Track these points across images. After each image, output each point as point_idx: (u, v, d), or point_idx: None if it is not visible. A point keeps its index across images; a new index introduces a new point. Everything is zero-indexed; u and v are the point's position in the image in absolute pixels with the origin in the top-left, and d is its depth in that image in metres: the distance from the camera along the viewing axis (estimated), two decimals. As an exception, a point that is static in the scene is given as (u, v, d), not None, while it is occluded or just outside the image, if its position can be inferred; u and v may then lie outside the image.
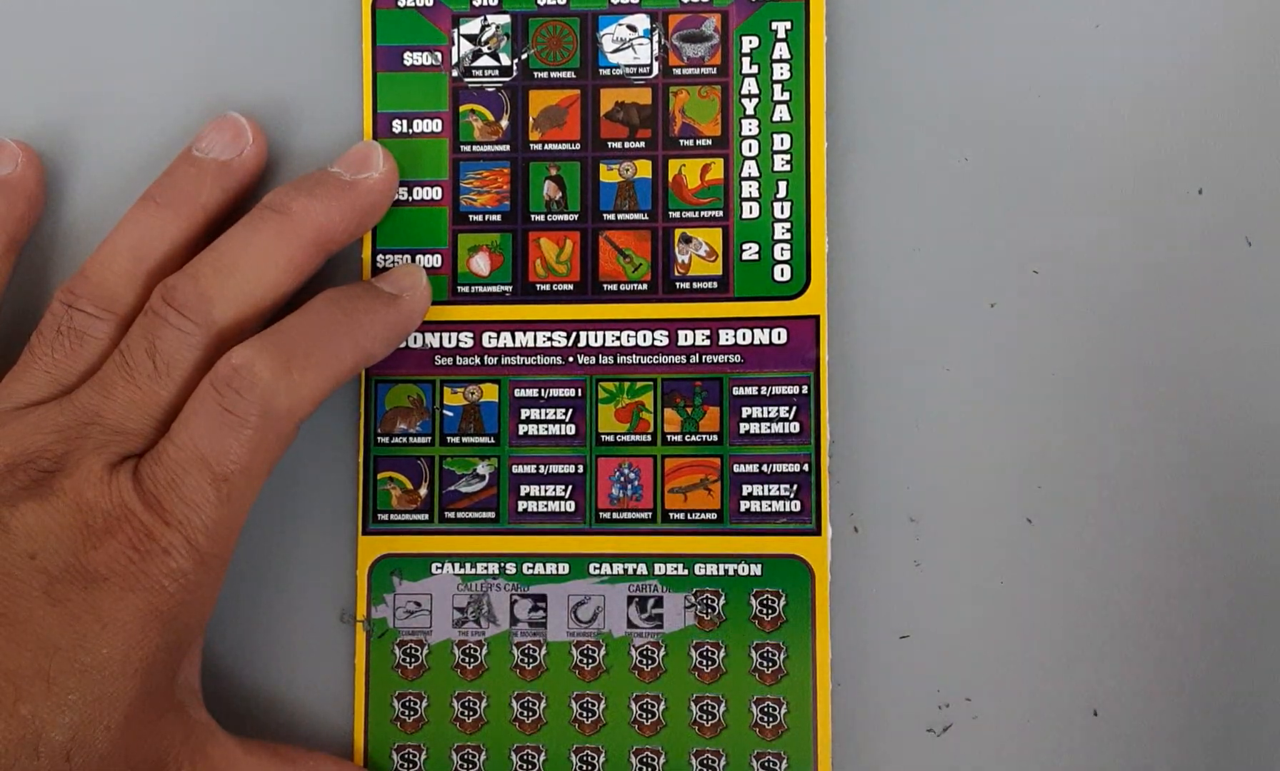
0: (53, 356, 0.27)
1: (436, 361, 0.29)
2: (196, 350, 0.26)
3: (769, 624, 0.28)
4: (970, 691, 0.29)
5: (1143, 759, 0.28)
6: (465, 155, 0.29)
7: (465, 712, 0.29)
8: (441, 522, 0.29)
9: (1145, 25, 0.29)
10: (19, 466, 0.25)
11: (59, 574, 0.24)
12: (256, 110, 0.30)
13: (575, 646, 0.29)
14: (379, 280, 0.29)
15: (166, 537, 0.25)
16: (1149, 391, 0.29)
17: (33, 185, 0.29)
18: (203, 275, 0.26)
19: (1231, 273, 0.29)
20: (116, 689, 0.24)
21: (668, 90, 0.29)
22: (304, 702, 0.29)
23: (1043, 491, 0.29)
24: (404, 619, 0.29)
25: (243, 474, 0.25)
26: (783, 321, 0.29)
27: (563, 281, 0.29)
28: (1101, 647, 0.28)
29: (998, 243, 0.29)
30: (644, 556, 0.29)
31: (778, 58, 0.29)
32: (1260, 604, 0.28)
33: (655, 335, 0.29)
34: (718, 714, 0.28)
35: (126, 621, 0.24)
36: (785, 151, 0.29)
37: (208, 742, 0.26)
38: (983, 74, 0.29)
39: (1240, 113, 0.29)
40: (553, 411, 0.29)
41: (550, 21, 0.29)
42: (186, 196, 0.28)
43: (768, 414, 0.29)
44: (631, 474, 0.29)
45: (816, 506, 0.28)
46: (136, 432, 0.26)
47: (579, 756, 0.28)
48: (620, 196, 0.29)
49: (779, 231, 0.29)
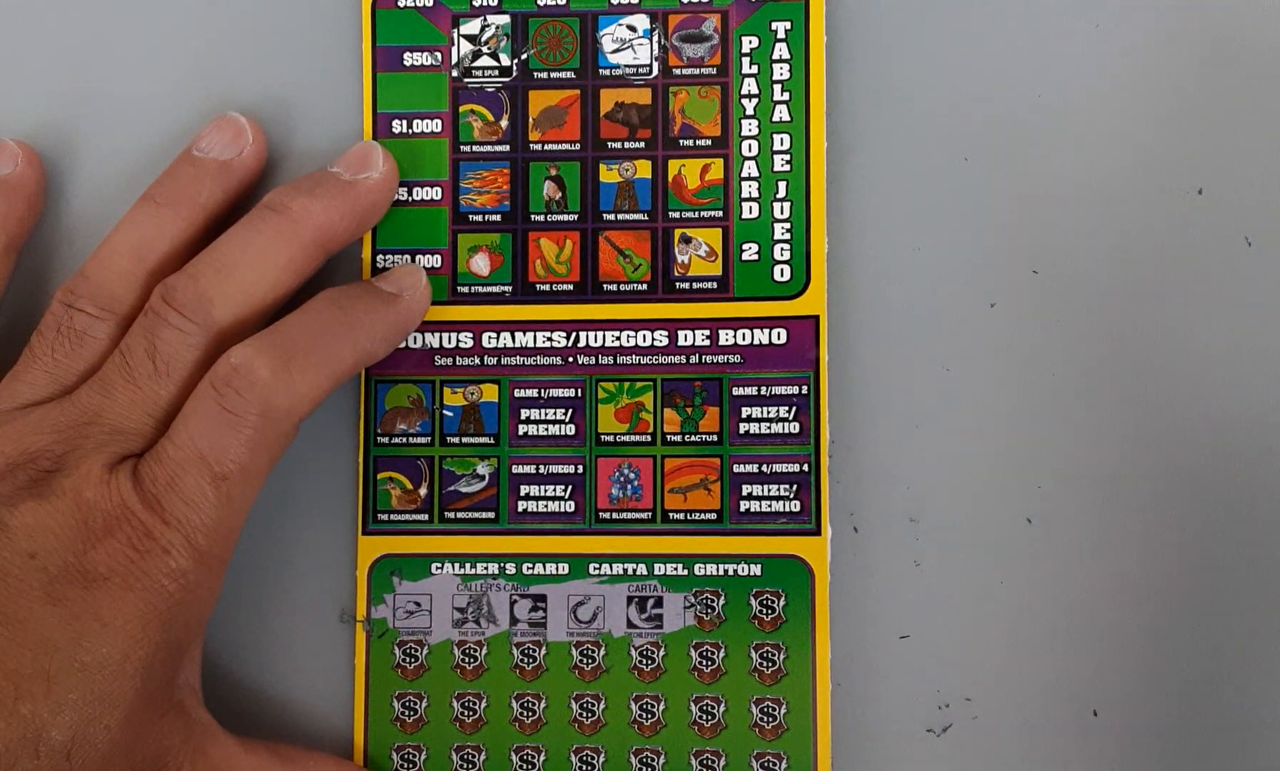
0: (53, 356, 0.27)
1: (436, 361, 0.29)
2: (196, 350, 0.26)
3: (769, 624, 0.28)
4: (970, 691, 0.29)
5: (1143, 759, 0.28)
6: (465, 155, 0.29)
7: (465, 712, 0.29)
8: (441, 523, 0.29)
9: (1145, 25, 0.29)
10: (19, 466, 0.25)
11: (59, 573, 0.24)
12: (256, 110, 0.30)
13: (575, 646, 0.29)
14: (379, 280, 0.29)
15: (166, 537, 0.25)
16: (1149, 391, 0.29)
17: (33, 185, 0.29)
18: (203, 275, 0.26)
19: (1231, 273, 0.29)
20: (116, 688, 0.24)
21: (668, 90, 0.29)
22: (304, 702, 0.29)
23: (1043, 491, 0.29)
24: (404, 619, 0.29)
25: (242, 473, 0.25)
26: (783, 321, 0.29)
27: (563, 281, 0.29)
28: (1101, 647, 0.28)
29: (998, 243, 0.29)
30: (644, 556, 0.29)
31: (777, 58, 0.29)
32: (1260, 604, 0.28)
33: (655, 335, 0.29)
34: (717, 714, 0.28)
35: (126, 621, 0.24)
36: (785, 151, 0.29)
37: (208, 742, 0.26)
38: (983, 74, 0.29)
39: (1240, 113, 0.29)
40: (553, 411, 0.29)
41: (550, 22, 0.29)
42: (186, 196, 0.28)
43: (768, 414, 0.29)
44: (631, 474, 0.29)
45: (816, 506, 0.28)
46: (136, 432, 0.26)
47: (579, 756, 0.28)
48: (620, 196, 0.29)
49: (779, 231, 0.29)
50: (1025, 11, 0.29)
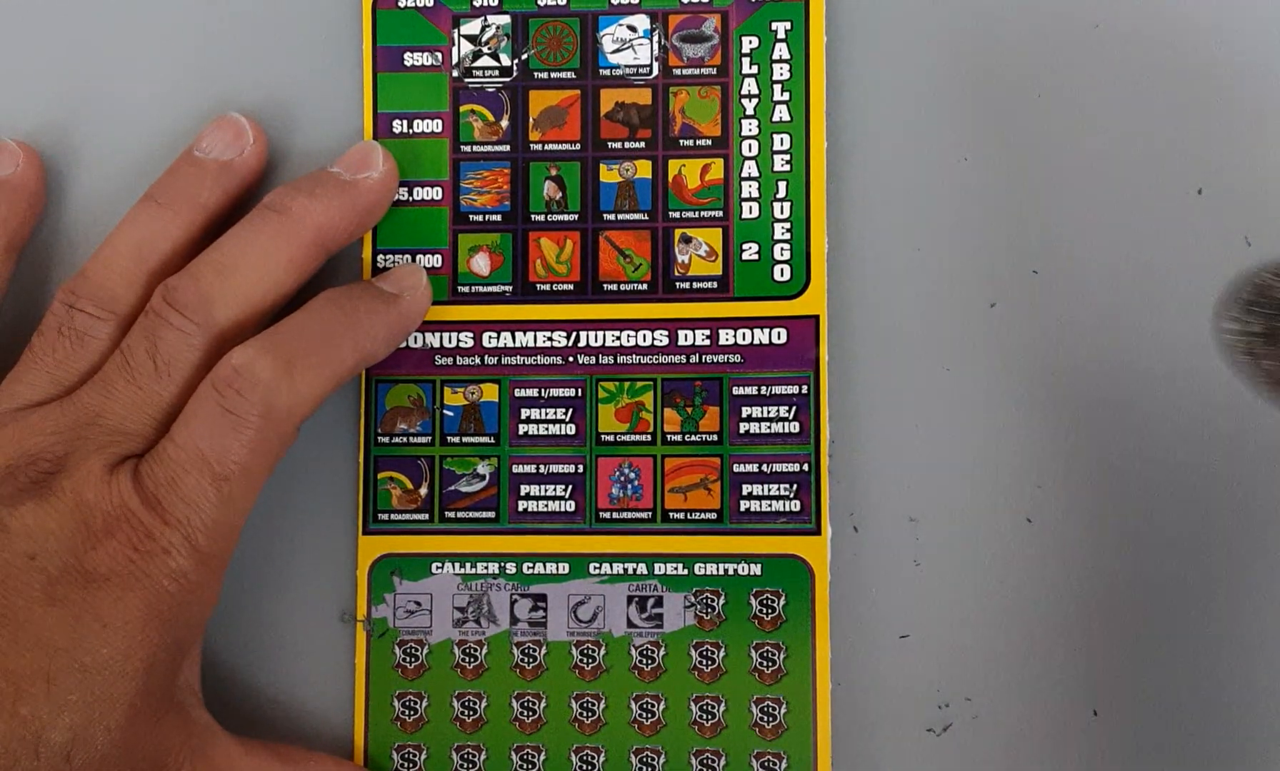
0: (53, 357, 0.27)
1: (436, 361, 0.29)
2: (197, 350, 0.26)
3: (769, 623, 0.28)
4: (970, 691, 0.29)
5: (1143, 759, 0.28)
6: (465, 155, 0.29)
7: (465, 712, 0.29)
8: (441, 522, 0.29)
9: (1145, 25, 0.29)
10: (19, 467, 0.25)
11: (59, 574, 0.24)
12: (256, 110, 0.30)
13: (575, 646, 0.29)
14: (379, 280, 0.29)
15: (166, 537, 0.25)
16: (1149, 391, 0.29)
17: (33, 185, 0.29)
18: (204, 275, 0.26)
19: (1231, 273, 0.29)
20: (117, 689, 0.24)
21: (668, 90, 0.29)
22: (304, 702, 0.29)
23: (1043, 491, 0.29)
24: (404, 618, 0.29)
25: (243, 474, 0.25)
26: (783, 321, 0.29)
27: (563, 281, 0.29)
28: (1101, 647, 0.28)
29: (998, 243, 0.29)
30: (644, 556, 0.29)
31: (777, 58, 0.29)
32: (1260, 603, 0.28)
33: (655, 335, 0.29)
34: (717, 713, 0.28)
35: (127, 621, 0.24)
36: (785, 151, 0.29)
37: (208, 743, 0.26)
38: (982, 74, 0.29)
39: (1240, 113, 0.29)
40: (553, 411, 0.29)
41: (550, 22, 0.29)
42: (187, 197, 0.28)
43: (768, 414, 0.29)
44: (631, 473, 0.29)
45: (816, 506, 0.28)
46: (137, 433, 0.26)
47: (579, 756, 0.28)
48: (620, 196, 0.29)
49: (779, 231, 0.29)
50: (1025, 11, 0.29)
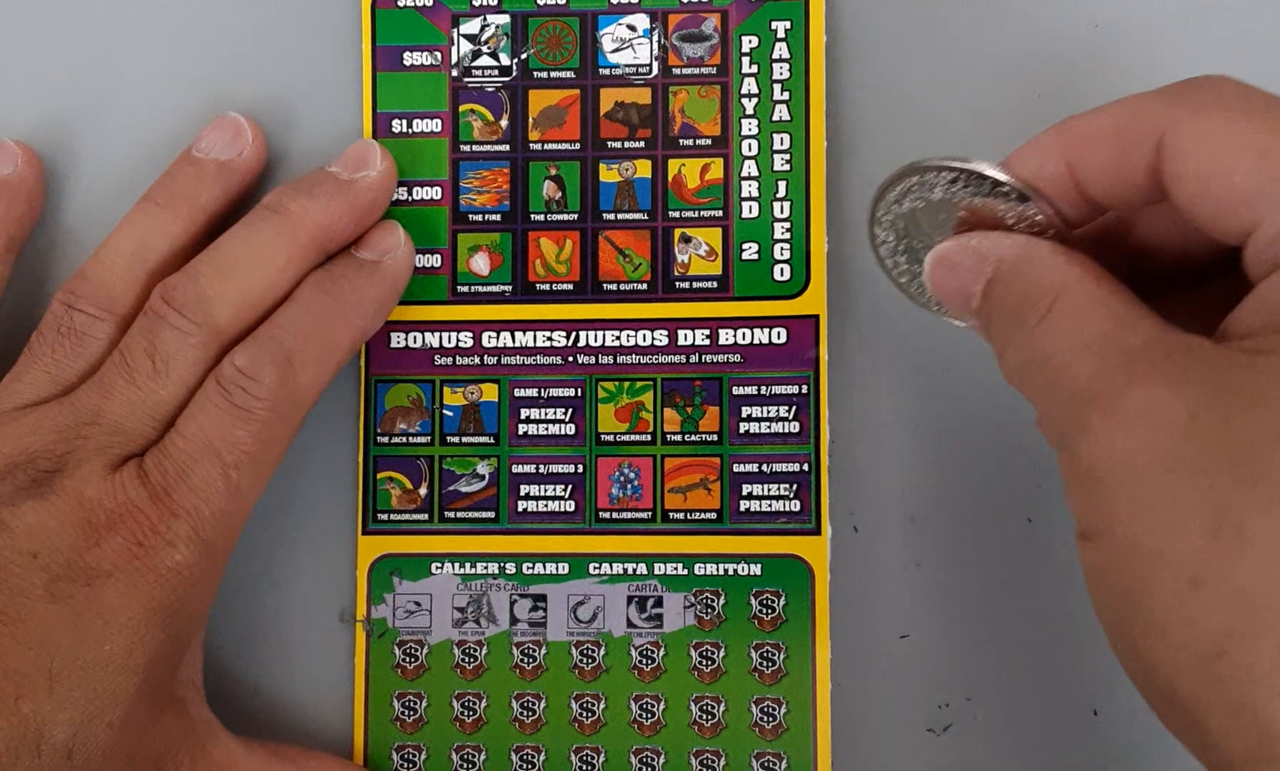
0: (53, 356, 0.27)
1: (436, 361, 0.29)
2: (196, 350, 0.26)
3: (769, 624, 0.28)
4: (970, 691, 0.29)
5: (1143, 759, 0.28)
6: (465, 155, 0.29)
7: (465, 712, 0.29)
8: (441, 522, 0.29)
9: (1145, 25, 0.29)
10: (19, 466, 0.25)
11: (60, 572, 0.24)
12: (256, 110, 0.30)
13: (575, 646, 0.29)
14: (359, 248, 0.28)
15: (171, 529, 0.25)
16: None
17: (33, 185, 0.29)
18: (203, 275, 0.26)
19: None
20: (118, 685, 0.24)
21: (667, 90, 0.29)
22: (304, 702, 0.29)
23: (1043, 491, 0.29)
24: (404, 619, 0.29)
25: (252, 463, 0.26)
26: (782, 321, 0.29)
27: (563, 281, 0.29)
28: (1101, 647, 0.28)
29: (998, 242, 0.29)
30: (644, 556, 0.29)
31: (777, 57, 0.29)
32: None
33: (655, 335, 0.29)
34: (717, 714, 0.28)
35: (129, 617, 0.24)
36: (785, 151, 0.29)
37: (208, 740, 0.26)
38: (982, 74, 0.29)
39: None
40: (552, 411, 0.29)
41: (550, 21, 0.29)
42: (186, 197, 0.28)
43: (767, 413, 0.29)
44: (631, 473, 0.29)
45: (816, 506, 0.28)
46: (136, 432, 0.26)
47: (579, 756, 0.28)
48: (620, 196, 0.29)
49: (779, 231, 0.29)
50: (1025, 11, 0.29)
